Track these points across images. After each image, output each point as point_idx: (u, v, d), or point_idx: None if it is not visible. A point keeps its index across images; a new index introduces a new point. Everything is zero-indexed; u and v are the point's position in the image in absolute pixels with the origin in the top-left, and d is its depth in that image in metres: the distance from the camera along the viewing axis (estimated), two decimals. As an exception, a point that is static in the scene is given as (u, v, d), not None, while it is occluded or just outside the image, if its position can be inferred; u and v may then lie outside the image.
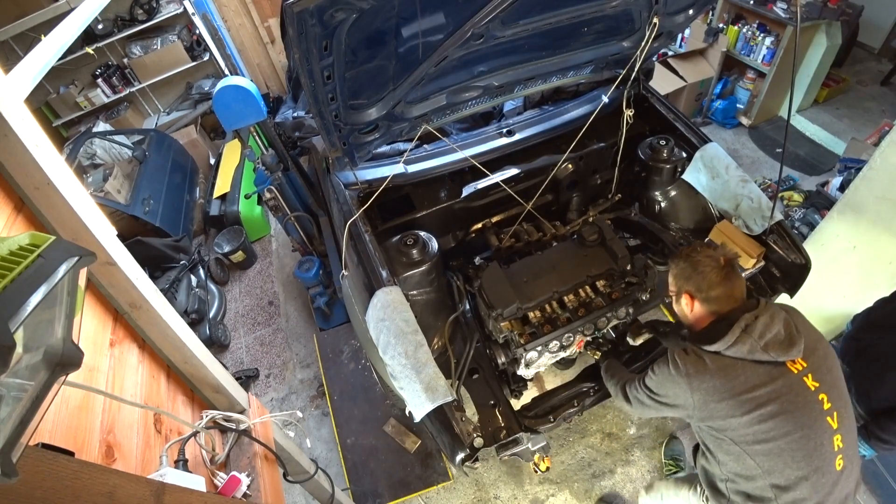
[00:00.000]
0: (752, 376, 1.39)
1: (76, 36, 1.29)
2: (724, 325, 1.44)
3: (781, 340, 1.39)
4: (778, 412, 1.37)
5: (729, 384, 1.40)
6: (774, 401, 1.37)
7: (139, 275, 1.22)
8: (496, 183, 2.36)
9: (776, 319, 1.41)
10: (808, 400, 1.39)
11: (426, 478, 2.80)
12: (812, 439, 1.38)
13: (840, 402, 1.43)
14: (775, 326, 1.40)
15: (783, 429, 1.37)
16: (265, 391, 3.42)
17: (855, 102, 4.58)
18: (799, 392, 1.39)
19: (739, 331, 1.40)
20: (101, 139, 4.34)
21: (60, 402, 0.98)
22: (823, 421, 1.39)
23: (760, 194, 2.11)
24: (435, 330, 2.10)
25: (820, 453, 1.38)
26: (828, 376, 1.43)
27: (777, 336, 1.39)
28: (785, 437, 1.37)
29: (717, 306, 1.50)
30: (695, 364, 1.44)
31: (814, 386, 1.40)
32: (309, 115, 2.80)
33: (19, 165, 0.96)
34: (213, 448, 1.38)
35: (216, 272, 4.08)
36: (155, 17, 4.66)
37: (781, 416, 1.37)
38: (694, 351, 1.48)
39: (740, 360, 1.40)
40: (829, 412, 1.40)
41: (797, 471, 1.39)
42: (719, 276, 1.48)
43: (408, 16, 1.57)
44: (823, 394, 1.40)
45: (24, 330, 0.61)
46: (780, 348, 1.38)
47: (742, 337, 1.40)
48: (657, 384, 1.56)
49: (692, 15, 2.13)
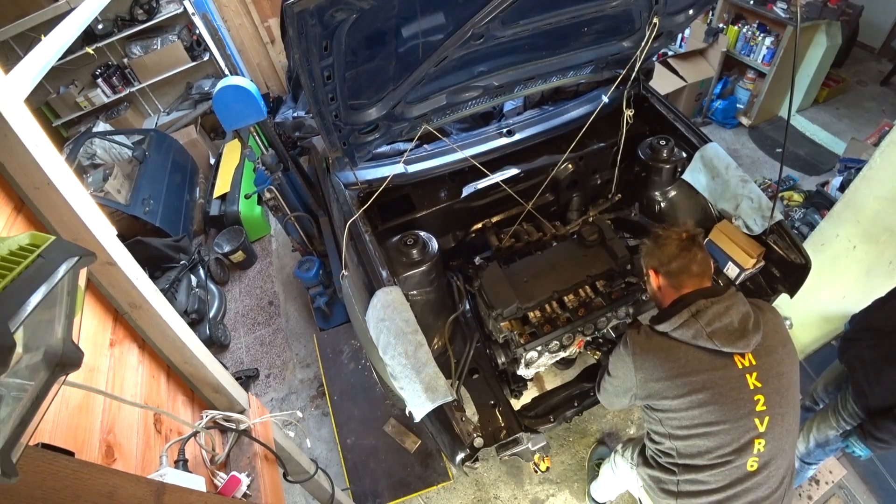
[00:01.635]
0: (693, 361, 1.39)
1: (76, 36, 1.29)
2: (679, 307, 1.43)
3: (731, 331, 1.36)
4: (707, 401, 1.38)
5: (668, 365, 1.41)
6: (708, 389, 1.37)
7: (139, 275, 1.22)
8: (496, 183, 2.36)
9: (733, 310, 1.38)
10: (741, 397, 1.37)
11: (426, 478, 2.80)
12: (730, 434, 1.38)
13: (779, 409, 1.40)
14: (729, 316, 1.37)
15: (708, 418, 1.39)
16: (265, 391, 3.42)
17: (855, 102, 4.58)
18: (735, 387, 1.37)
19: (689, 314, 1.39)
20: (101, 139, 4.34)
21: (60, 402, 0.98)
22: (749, 421, 1.38)
23: (760, 194, 2.11)
24: (435, 330, 2.10)
25: (734, 449, 1.39)
26: (775, 381, 1.40)
27: (727, 326, 1.37)
28: (707, 426, 1.39)
29: (676, 281, 1.49)
30: (642, 343, 1.47)
31: (754, 385, 1.38)
32: (309, 115, 2.80)
33: (19, 165, 0.96)
34: (213, 448, 1.38)
35: (216, 272, 4.08)
36: (155, 17, 4.65)
37: (709, 406, 1.38)
38: (645, 330, 1.50)
39: (685, 344, 1.40)
40: (760, 414, 1.38)
41: (705, 460, 1.42)
42: (678, 247, 1.47)
43: (408, 16, 1.57)
44: (761, 395, 1.38)
45: (24, 330, 0.61)
46: (726, 339, 1.36)
47: (689, 321, 1.39)
48: (612, 365, 1.60)
49: (692, 15, 2.13)
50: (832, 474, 2.55)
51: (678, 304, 1.45)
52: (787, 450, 1.46)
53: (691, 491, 1.49)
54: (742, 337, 1.36)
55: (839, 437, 2.03)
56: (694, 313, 1.39)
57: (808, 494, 2.49)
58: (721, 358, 1.38)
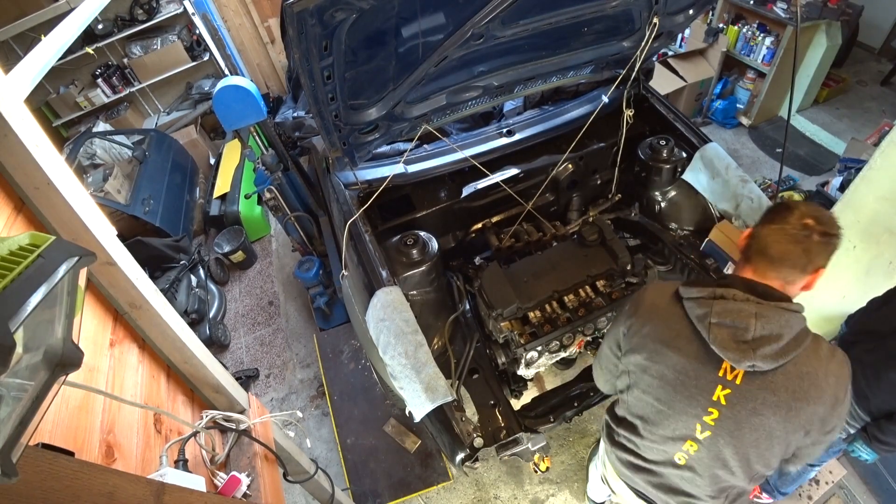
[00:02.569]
0: (684, 339, 1.26)
1: (76, 36, 1.29)
2: (713, 281, 1.27)
3: (735, 339, 1.16)
4: (668, 382, 1.28)
5: (661, 327, 1.30)
6: (677, 373, 1.27)
7: (139, 275, 1.22)
8: (496, 183, 2.36)
9: (762, 323, 1.14)
10: (698, 399, 1.26)
11: (426, 478, 2.79)
12: (670, 421, 1.32)
13: (727, 438, 1.25)
14: (748, 325, 1.15)
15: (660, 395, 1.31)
16: (265, 391, 3.42)
17: (855, 102, 4.57)
18: (700, 387, 1.24)
19: (711, 295, 1.21)
20: (101, 139, 4.34)
21: (60, 402, 0.98)
22: (691, 422, 1.28)
23: (760, 194, 2.11)
24: (435, 330, 2.10)
25: (667, 436, 1.34)
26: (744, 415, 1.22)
27: (735, 332, 1.16)
28: (656, 401, 1.33)
29: (747, 255, 1.25)
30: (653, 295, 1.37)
31: (718, 398, 1.23)
32: (309, 115, 2.80)
33: (19, 165, 0.96)
34: (213, 448, 1.38)
35: (216, 272, 4.08)
36: (155, 17, 4.66)
37: (668, 388, 1.29)
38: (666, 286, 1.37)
39: (687, 319, 1.25)
40: (704, 424, 1.27)
41: (645, 429, 1.39)
42: (783, 230, 1.18)
43: (408, 16, 1.57)
44: (717, 412, 1.24)
45: (24, 330, 0.61)
46: (723, 341, 1.17)
47: (707, 301, 1.21)
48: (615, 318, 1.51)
49: (692, 15, 2.13)
50: (832, 474, 2.55)
51: (716, 280, 1.28)
52: (726, 476, 1.33)
53: (626, 446, 1.50)
54: (742, 352, 1.15)
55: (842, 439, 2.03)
56: (716, 296, 1.20)
57: (808, 494, 2.49)
58: (710, 354, 1.22)
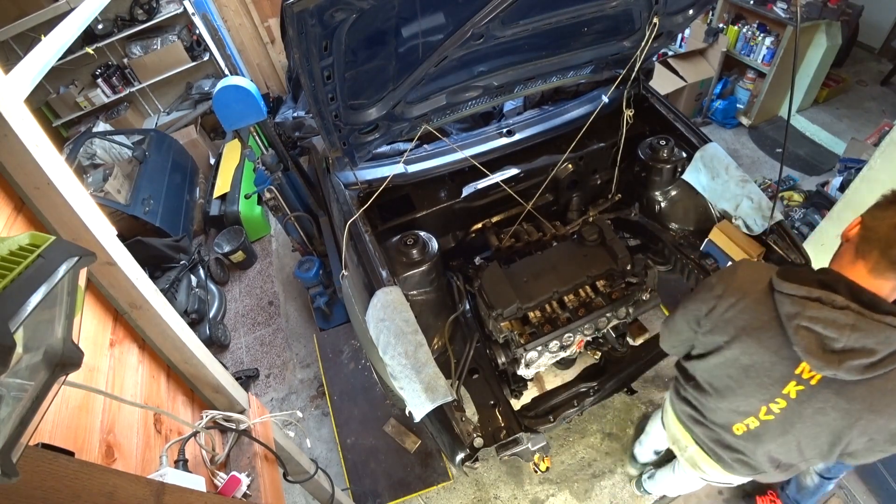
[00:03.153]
0: (768, 331, 1.20)
1: (76, 36, 1.29)
2: (813, 279, 1.14)
3: (824, 347, 1.08)
4: (743, 369, 1.27)
5: (748, 314, 1.23)
6: (753, 362, 1.24)
7: (139, 275, 1.22)
8: (496, 183, 2.36)
9: (858, 339, 1.04)
10: (769, 389, 1.25)
11: (426, 478, 2.80)
12: (737, 400, 1.35)
13: (787, 427, 1.28)
14: (843, 334, 1.05)
15: (730, 380, 1.34)
16: (265, 391, 3.42)
17: (855, 102, 4.57)
18: (775, 378, 1.23)
19: (808, 294, 1.10)
20: (101, 139, 4.34)
21: (60, 402, 0.98)
22: (757, 404, 1.30)
23: (760, 194, 2.11)
24: (435, 330, 2.10)
25: (733, 407, 1.38)
26: (813, 416, 1.21)
27: (826, 339, 1.07)
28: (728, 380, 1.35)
29: (860, 250, 1.10)
30: (749, 275, 1.29)
31: (789, 392, 1.22)
32: (309, 115, 2.80)
33: (19, 165, 0.96)
34: (213, 448, 1.38)
35: (216, 272, 4.08)
36: (155, 17, 4.66)
37: (740, 376, 1.29)
38: (763, 267, 1.30)
39: (775, 313, 1.17)
40: (769, 409, 1.28)
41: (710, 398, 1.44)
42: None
43: (408, 16, 1.57)
44: (785, 403, 1.24)
45: (24, 330, 0.61)
46: (809, 346, 1.10)
47: (802, 301, 1.11)
48: (698, 288, 1.44)
49: (692, 15, 2.13)
50: (832, 474, 2.55)
51: (819, 275, 1.16)
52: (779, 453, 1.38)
53: (690, 402, 1.55)
54: (827, 361, 1.08)
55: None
56: (812, 298, 1.09)
57: (808, 494, 2.48)
58: (790, 350, 1.16)
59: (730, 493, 2.55)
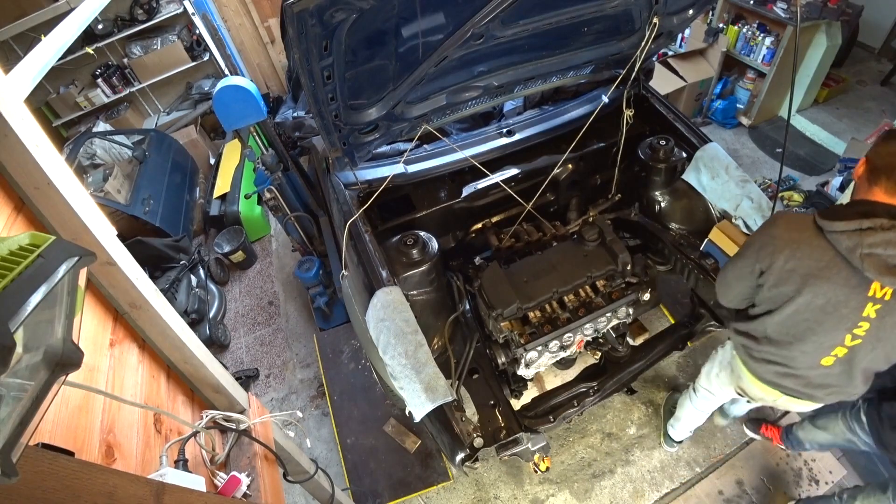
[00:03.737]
0: (832, 268, 1.33)
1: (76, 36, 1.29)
2: (855, 212, 1.30)
3: (889, 265, 1.23)
4: (817, 310, 1.38)
5: (808, 261, 1.35)
6: (827, 302, 1.36)
7: (139, 275, 1.22)
8: (496, 183, 2.36)
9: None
10: (849, 317, 1.36)
11: (426, 478, 2.79)
12: (817, 340, 1.45)
13: (873, 344, 1.40)
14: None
15: (806, 325, 1.43)
16: (265, 391, 3.42)
17: (855, 102, 4.57)
18: (852, 307, 1.35)
19: (858, 226, 1.26)
20: (101, 139, 4.34)
21: (60, 402, 0.98)
22: (841, 334, 1.41)
23: (760, 194, 2.11)
24: (435, 330, 2.10)
25: (818, 346, 1.46)
26: (890, 323, 1.35)
27: (889, 260, 1.23)
28: (804, 327, 1.44)
29: (876, 178, 1.31)
30: (796, 225, 1.40)
31: (868, 314, 1.34)
32: (309, 115, 2.80)
33: (19, 165, 0.96)
34: (213, 448, 1.38)
35: (216, 272, 4.08)
36: (155, 17, 4.65)
37: (817, 317, 1.40)
38: (803, 217, 1.41)
39: (834, 249, 1.31)
40: (854, 335, 1.39)
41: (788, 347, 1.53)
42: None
43: (408, 16, 1.57)
44: (868, 325, 1.36)
45: (24, 330, 0.61)
46: (878, 268, 1.24)
47: (855, 234, 1.26)
48: (750, 241, 1.53)
49: (692, 15, 2.13)
50: (832, 474, 2.55)
51: (856, 207, 1.32)
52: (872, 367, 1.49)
53: (770, 360, 1.61)
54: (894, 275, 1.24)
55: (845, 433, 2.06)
56: (864, 228, 1.26)
57: (809, 494, 2.49)
58: (859, 278, 1.30)
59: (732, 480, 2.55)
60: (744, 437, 2.70)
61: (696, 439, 2.71)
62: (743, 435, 2.70)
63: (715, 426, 2.72)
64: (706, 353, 2.17)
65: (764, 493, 2.54)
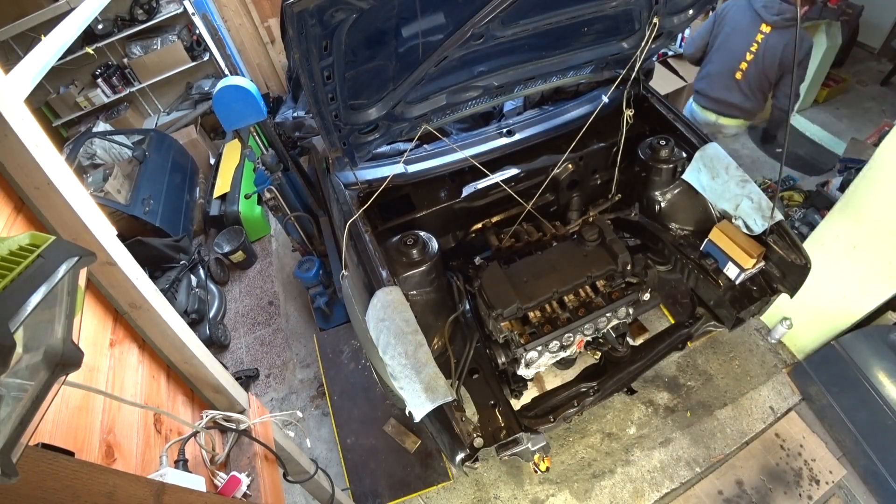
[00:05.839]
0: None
1: (76, 36, 1.29)
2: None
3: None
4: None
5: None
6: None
7: (139, 275, 1.22)
8: (496, 183, 2.36)
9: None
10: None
11: (426, 478, 2.80)
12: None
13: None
14: None
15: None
16: (265, 391, 3.42)
17: (855, 102, 4.58)
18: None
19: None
20: (101, 139, 4.34)
21: (60, 402, 0.98)
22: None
23: (760, 194, 2.11)
24: (435, 330, 2.10)
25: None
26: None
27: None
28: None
29: None
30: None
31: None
32: (309, 115, 2.80)
33: (19, 165, 0.96)
34: (213, 448, 1.38)
35: (216, 272, 4.08)
36: (155, 17, 4.65)
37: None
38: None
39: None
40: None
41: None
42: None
43: (408, 16, 1.57)
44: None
45: (24, 330, 0.61)
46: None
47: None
48: None
49: (692, 15, 2.13)
50: (832, 474, 2.55)
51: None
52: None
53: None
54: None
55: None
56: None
57: (809, 494, 2.49)
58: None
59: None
60: (744, 437, 2.70)
61: (697, 439, 2.71)
62: (743, 435, 2.70)
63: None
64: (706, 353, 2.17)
65: (764, 493, 2.54)
